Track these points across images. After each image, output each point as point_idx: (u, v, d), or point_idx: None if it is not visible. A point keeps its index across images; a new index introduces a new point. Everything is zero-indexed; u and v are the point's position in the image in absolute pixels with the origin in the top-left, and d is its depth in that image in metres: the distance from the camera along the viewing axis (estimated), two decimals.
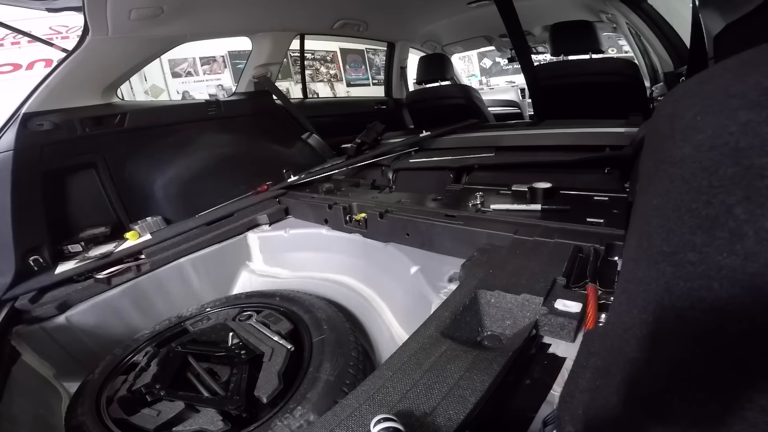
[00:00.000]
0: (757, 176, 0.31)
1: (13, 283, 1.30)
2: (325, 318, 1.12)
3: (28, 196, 1.45)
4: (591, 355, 0.51)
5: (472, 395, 0.51)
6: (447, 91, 2.83)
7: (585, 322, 0.64)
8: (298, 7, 2.22)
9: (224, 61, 5.71)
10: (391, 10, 2.81)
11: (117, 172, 1.77)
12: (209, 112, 2.15)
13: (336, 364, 0.93)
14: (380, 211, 1.32)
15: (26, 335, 1.15)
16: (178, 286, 1.47)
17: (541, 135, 1.69)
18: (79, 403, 0.97)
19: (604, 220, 0.96)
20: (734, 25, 0.81)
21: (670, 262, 0.36)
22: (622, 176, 1.23)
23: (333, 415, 0.52)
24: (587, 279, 0.76)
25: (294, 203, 1.76)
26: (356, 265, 1.44)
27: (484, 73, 7.35)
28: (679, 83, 2.01)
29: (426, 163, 1.79)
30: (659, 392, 0.34)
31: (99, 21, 1.47)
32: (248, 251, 1.69)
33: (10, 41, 4.22)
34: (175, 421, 0.87)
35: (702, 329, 0.32)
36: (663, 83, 2.61)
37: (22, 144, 1.44)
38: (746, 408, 0.28)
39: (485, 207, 1.21)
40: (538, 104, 2.43)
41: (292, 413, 0.81)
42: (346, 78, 7.06)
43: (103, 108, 1.71)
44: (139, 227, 1.63)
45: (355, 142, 2.08)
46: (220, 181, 1.94)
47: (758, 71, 0.35)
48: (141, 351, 1.15)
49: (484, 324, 0.75)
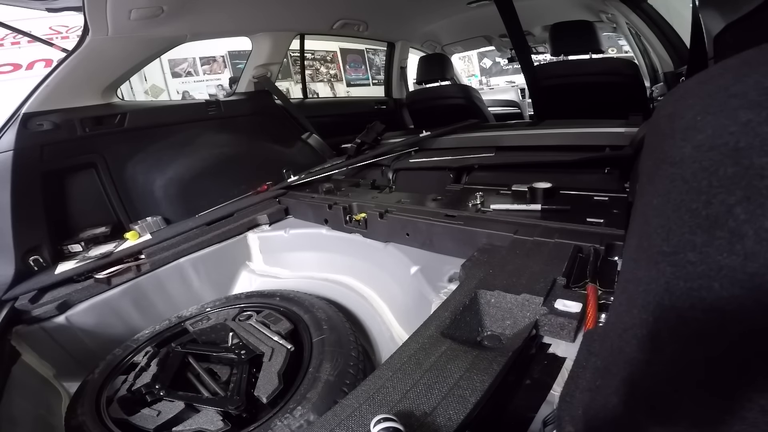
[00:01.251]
0: (757, 176, 0.31)
1: (13, 283, 1.30)
2: (325, 318, 1.12)
3: (28, 196, 1.45)
4: (591, 355, 0.51)
5: (472, 395, 0.51)
6: (447, 91, 2.83)
7: (585, 322, 0.64)
8: (298, 7, 2.22)
9: (224, 61, 5.71)
10: (391, 10, 2.81)
11: (117, 172, 1.77)
12: (209, 112, 2.15)
13: (336, 364, 0.93)
14: (380, 211, 1.32)
15: (26, 335, 1.15)
16: (178, 286, 1.47)
17: (541, 135, 1.68)
18: (79, 403, 0.97)
19: (604, 220, 0.96)
20: (734, 25, 0.81)
21: (670, 262, 0.36)
22: (622, 176, 1.23)
23: (333, 415, 0.52)
24: (587, 279, 0.76)
25: (294, 203, 1.76)
26: (356, 265, 1.44)
27: (484, 73, 7.36)
28: (679, 83, 2.01)
29: (426, 163, 1.79)
30: (659, 392, 0.34)
31: (99, 21, 1.47)
32: (248, 251, 1.69)
33: (10, 41, 4.22)
34: (175, 421, 0.87)
35: (702, 329, 0.32)
36: (663, 83, 2.60)
37: (22, 144, 1.44)
38: (746, 408, 0.28)
39: (485, 207, 1.21)
40: (538, 104, 2.43)
41: (292, 413, 0.81)
42: (346, 78, 7.06)
43: (103, 108, 1.71)
44: (139, 227, 1.63)
45: (355, 142, 2.08)
46: (220, 181, 1.94)
47: (758, 71, 0.35)
48: (141, 351, 1.15)
49: (484, 324, 0.75)
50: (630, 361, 0.38)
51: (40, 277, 1.35)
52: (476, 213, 1.19)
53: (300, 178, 1.94)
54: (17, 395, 0.99)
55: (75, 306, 1.23)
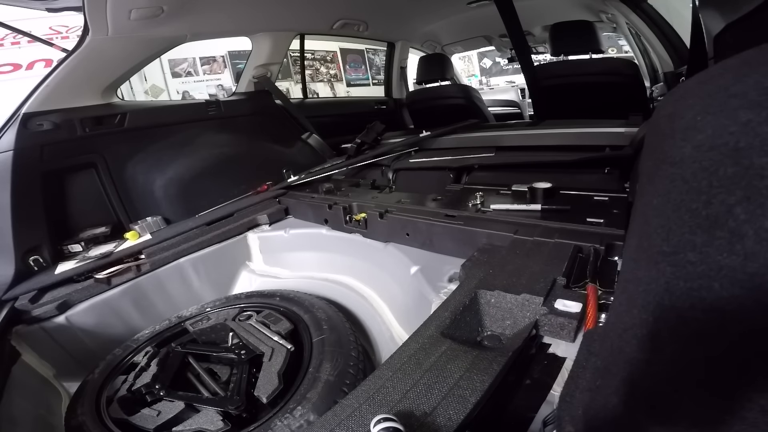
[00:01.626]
0: (757, 176, 0.31)
1: (13, 283, 1.30)
2: (325, 318, 1.12)
3: (28, 196, 1.45)
4: (591, 355, 0.51)
5: (472, 395, 0.51)
6: (447, 91, 2.83)
7: (585, 322, 0.64)
8: (298, 7, 2.22)
9: (224, 61, 5.71)
10: (391, 10, 2.81)
11: (117, 172, 1.77)
12: (209, 112, 2.15)
13: (336, 364, 0.93)
14: (380, 211, 1.32)
15: (26, 335, 1.15)
16: (178, 286, 1.47)
17: (541, 135, 1.68)
18: (79, 403, 0.97)
19: (604, 220, 0.96)
20: (734, 25, 0.81)
21: (670, 262, 0.36)
22: (622, 176, 1.23)
23: (333, 415, 0.52)
24: (587, 279, 0.76)
25: (294, 203, 1.76)
26: (356, 265, 1.44)
27: (484, 73, 7.36)
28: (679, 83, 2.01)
29: (426, 163, 1.79)
30: (659, 392, 0.34)
31: (99, 21, 1.47)
32: (248, 251, 1.69)
33: (10, 41, 4.22)
34: (175, 421, 0.87)
35: (702, 329, 0.32)
36: (663, 83, 2.60)
37: (22, 144, 1.44)
38: (746, 408, 0.28)
39: (485, 207, 1.21)
40: (538, 104, 2.43)
41: (292, 413, 0.81)
42: (346, 78, 7.05)
43: (103, 108, 1.71)
44: (139, 227, 1.63)
45: (355, 142, 2.08)
46: (220, 181, 1.94)
47: (758, 71, 0.35)
48: (141, 351, 1.15)
49: (484, 324, 0.75)
50: (630, 361, 0.38)
51: (40, 277, 1.35)
52: (476, 213, 1.19)
53: (300, 178, 1.94)
54: (17, 395, 0.99)
55: (75, 306, 1.23)
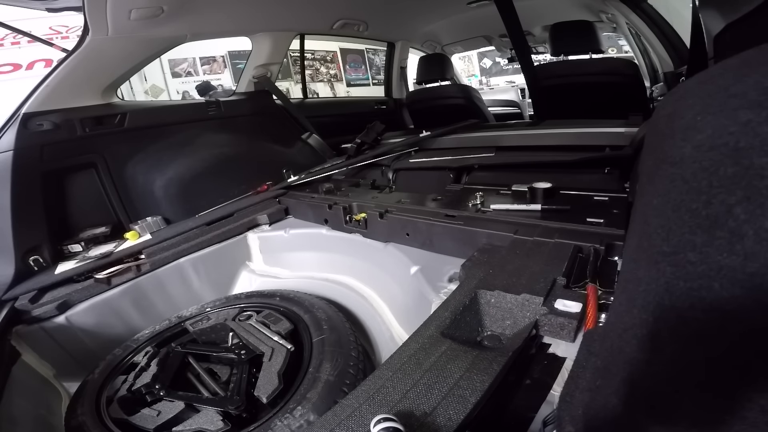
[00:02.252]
0: (757, 176, 0.31)
1: (13, 283, 1.30)
2: (325, 318, 1.12)
3: (28, 196, 1.45)
4: (591, 355, 0.51)
5: (472, 395, 0.51)
6: (447, 91, 2.83)
7: (585, 322, 0.64)
8: (298, 7, 2.22)
9: (224, 61, 5.71)
10: (391, 10, 2.81)
11: (117, 172, 1.77)
12: (209, 112, 2.15)
13: (336, 364, 0.93)
14: (380, 211, 1.32)
15: (26, 335, 1.15)
16: (178, 286, 1.47)
17: (541, 135, 1.68)
18: (79, 403, 0.97)
19: (604, 220, 0.96)
20: (734, 25, 0.81)
21: (670, 262, 0.36)
22: (622, 176, 1.23)
23: (333, 415, 0.52)
24: (587, 279, 0.76)
25: (294, 203, 1.76)
26: (356, 265, 1.44)
27: (484, 73, 7.35)
28: (679, 83, 2.01)
29: (426, 163, 1.79)
30: (659, 392, 0.34)
31: (99, 21, 1.47)
32: (248, 251, 1.69)
33: (10, 41, 4.22)
34: (175, 421, 0.87)
35: (702, 329, 0.32)
36: (663, 83, 2.61)
37: (22, 144, 1.44)
38: (746, 408, 0.28)
39: (485, 207, 1.21)
40: (538, 104, 2.43)
41: (292, 413, 0.81)
42: (346, 78, 7.05)
43: (103, 108, 1.71)
44: (139, 227, 1.63)
45: (355, 142, 2.08)
46: (220, 181, 1.94)
47: (758, 71, 0.35)
48: (141, 351, 1.15)
49: (484, 324, 0.75)
50: (630, 361, 0.38)
51: (40, 277, 1.35)
52: (476, 213, 1.19)
53: (300, 178, 1.94)
54: (17, 395, 0.99)
55: (75, 306, 1.23)
